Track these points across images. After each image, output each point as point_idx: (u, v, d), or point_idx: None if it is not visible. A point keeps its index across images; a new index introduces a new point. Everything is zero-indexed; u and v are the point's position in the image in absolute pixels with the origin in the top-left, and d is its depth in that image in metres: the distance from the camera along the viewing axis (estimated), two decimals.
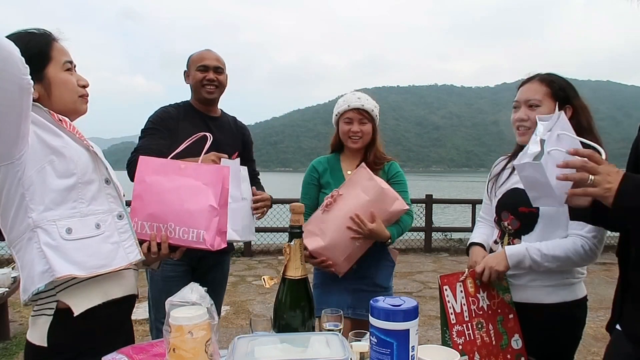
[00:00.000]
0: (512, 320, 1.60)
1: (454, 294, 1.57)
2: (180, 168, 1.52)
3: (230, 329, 4.10)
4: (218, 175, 1.52)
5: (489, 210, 1.86)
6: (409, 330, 0.99)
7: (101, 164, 1.36)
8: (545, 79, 1.65)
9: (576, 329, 1.63)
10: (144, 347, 1.29)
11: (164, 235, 1.46)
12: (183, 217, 1.47)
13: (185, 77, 2.33)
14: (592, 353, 3.63)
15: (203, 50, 2.31)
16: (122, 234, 1.34)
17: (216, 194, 1.50)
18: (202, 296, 1.12)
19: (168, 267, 2.08)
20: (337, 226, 1.98)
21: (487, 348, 1.56)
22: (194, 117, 2.25)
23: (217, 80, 2.24)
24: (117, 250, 1.31)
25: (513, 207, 1.67)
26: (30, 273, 1.21)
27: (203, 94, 2.24)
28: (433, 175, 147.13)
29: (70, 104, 1.34)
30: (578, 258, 1.53)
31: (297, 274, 1.28)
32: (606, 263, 6.87)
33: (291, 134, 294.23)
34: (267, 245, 7.61)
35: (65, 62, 1.33)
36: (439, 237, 8.37)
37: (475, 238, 1.84)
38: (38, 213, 1.21)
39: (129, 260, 1.33)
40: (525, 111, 1.62)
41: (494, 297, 1.62)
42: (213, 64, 2.24)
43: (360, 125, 2.12)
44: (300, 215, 1.30)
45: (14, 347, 3.72)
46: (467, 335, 1.54)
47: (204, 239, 1.46)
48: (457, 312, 1.56)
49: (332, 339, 1.09)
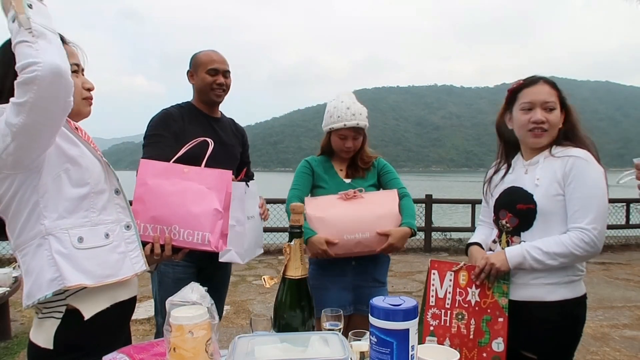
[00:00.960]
0: (500, 323, 1.62)
1: (441, 280, 1.66)
2: (183, 172, 1.55)
3: (230, 328, 4.10)
4: (222, 179, 1.56)
5: (486, 212, 1.88)
6: (408, 329, 0.99)
7: (112, 174, 1.38)
8: (551, 82, 1.68)
9: (577, 326, 1.64)
10: (144, 347, 1.29)
11: (168, 237, 1.48)
12: (188, 220, 1.49)
13: (188, 77, 2.29)
14: (592, 353, 3.63)
15: (209, 51, 2.27)
16: (129, 244, 1.36)
17: (220, 198, 1.54)
18: (202, 296, 1.12)
19: (180, 269, 2.09)
20: (345, 216, 2.03)
21: (462, 339, 1.62)
22: (199, 119, 2.23)
23: (225, 84, 2.24)
24: (123, 260, 1.33)
25: (511, 205, 1.68)
26: (38, 280, 1.21)
27: (212, 97, 2.22)
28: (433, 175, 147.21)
29: (73, 106, 1.34)
30: (581, 252, 1.54)
31: (297, 273, 1.28)
32: (605, 263, 6.88)
33: (291, 134, 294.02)
34: (267, 245, 7.61)
35: (71, 64, 1.33)
36: (439, 237, 8.37)
37: (473, 239, 1.88)
38: (51, 220, 1.22)
39: (134, 271, 1.35)
40: (542, 113, 1.62)
41: (487, 297, 1.64)
42: (223, 68, 2.22)
43: (354, 141, 2.18)
44: (300, 215, 1.31)
45: (15, 346, 3.73)
46: (442, 320, 1.64)
47: (209, 241, 1.50)
48: (439, 297, 1.65)
49: (332, 339, 1.10)
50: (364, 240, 2.00)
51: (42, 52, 1.07)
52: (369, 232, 1.99)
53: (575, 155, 1.59)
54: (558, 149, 1.65)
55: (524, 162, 1.72)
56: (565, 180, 1.58)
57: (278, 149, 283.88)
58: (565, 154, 1.61)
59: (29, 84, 1.06)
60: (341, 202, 2.08)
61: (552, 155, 1.64)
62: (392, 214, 2.05)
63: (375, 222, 2.01)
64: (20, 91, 1.08)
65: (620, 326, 4.26)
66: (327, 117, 2.22)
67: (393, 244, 1.99)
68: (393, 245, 1.99)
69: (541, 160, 1.66)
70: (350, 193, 2.09)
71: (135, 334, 3.85)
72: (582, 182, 1.55)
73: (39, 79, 1.06)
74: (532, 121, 1.63)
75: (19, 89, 1.08)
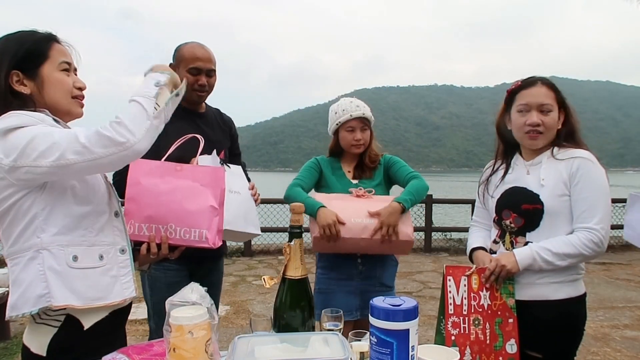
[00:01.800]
0: (511, 324, 1.61)
1: (457, 286, 1.61)
2: (176, 170, 1.54)
3: (230, 329, 4.10)
4: (215, 176, 1.56)
5: (482, 214, 1.87)
6: (409, 330, 0.99)
7: (114, 196, 1.37)
8: (548, 83, 1.67)
9: (580, 324, 1.65)
10: (144, 347, 1.29)
11: (164, 235, 1.47)
12: (184, 218, 1.48)
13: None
14: (592, 353, 3.63)
15: (194, 45, 2.09)
16: (122, 269, 1.35)
17: (215, 195, 1.53)
18: (202, 296, 1.12)
19: (171, 273, 2.04)
20: (353, 204, 2.02)
21: (480, 345, 1.58)
22: (183, 116, 2.11)
23: (207, 85, 2.10)
24: (114, 284, 1.31)
25: (515, 205, 1.68)
26: (26, 293, 1.20)
27: (192, 97, 2.09)
28: (433, 175, 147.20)
29: (62, 104, 1.32)
30: (590, 252, 1.55)
31: (297, 274, 1.28)
32: (606, 263, 6.88)
33: (291, 134, 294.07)
34: (267, 245, 7.61)
35: (62, 62, 1.32)
36: (439, 237, 8.37)
37: (474, 243, 1.83)
38: (49, 235, 1.21)
39: (123, 297, 1.33)
40: (538, 115, 1.63)
41: (497, 299, 1.63)
42: (206, 67, 2.07)
43: (362, 133, 2.17)
44: (301, 215, 1.30)
45: (14, 346, 3.72)
46: (462, 328, 1.58)
47: (207, 238, 1.49)
48: (457, 304, 1.59)
49: (332, 339, 1.10)
50: (371, 225, 1.95)
51: (145, 133, 1.19)
52: (376, 220, 1.96)
53: (581, 156, 1.60)
54: (560, 151, 1.65)
55: (525, 162, 1.72)
56: (571, 180, 1.58)
57: (278, 149, 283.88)
58: (569, 156, 1.61)
59: (113, 141, 1.14)
60: (350, 197, 2.09)
61: (553, 157, 1.64)
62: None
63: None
64: (105, 137, 1.14)
65: (620, 326, 4.25)
66: (332, 116, 2.22)
67: (383, 220, 1.93)
68: (384, 222, 1.93)
69: (544, 160, 1.66)
70: (360, 191, 2.09)
71: (135, 334, 3.85)
72: (589, 183, 1.56)
73: (122, 148, 1.15)
74: (527, 123, 1.64)
75: (110, 127, 1.15)
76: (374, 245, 1.97)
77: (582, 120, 1.71)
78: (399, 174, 2.20)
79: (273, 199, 7.14)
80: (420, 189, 2.08)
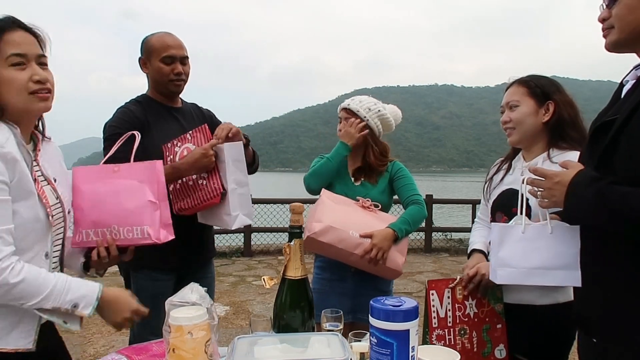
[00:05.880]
0: (499, 330, 1.62)
1: (440, 300, 1.62)
2: (114, 171, 1.51)
3: (230, 329, 4.10)
4: (152, 171, 1.52)
5: (485, 211, 1.87)
6: (409, 330, 0.99)
7: (51, 239, 1.26)
8: (522, 81, 1.72)
9: (570, 330, 1.62)
10: (143, 347, 1.29)
11: (110, 238, 1.44)
12: (124, 217, 1.46)
13: (141, 65, 2.04)
14: None
15: (163, 33, 2.01)
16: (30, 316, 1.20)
17: (153, 189, 1.50)
18: (202, 296, 1.12)
19: (160, 283, 1.96)
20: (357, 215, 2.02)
21: (467, 354, 1.60)
22: (161, 112, 2.06)
23: (184, 73, 2.02)
24: (13, 327, 1.17)
25: (507, 208, 1.67)
26: None
27: (170, 88, 2.02)
28: (433, 175, 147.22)
29: (17, 104, 1.18)
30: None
31: (297, 274, 1.28)
32: None
33: (291, 134, 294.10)
34: (267, 245, 7.60)
35: (11, 55, 1.15)
36: (439, 237, 8.37)
37: (475, 244, 1.83)
38: None
39: (16, 346, 1.17)
40: (507, 113, 1.71)
41: (484, 306, 1.64)
42: (180, 54, 1.98)
43: (345, 120, 2.21)
44: (300, 216, 1.30)
45: None
46: (447, 339, 1.60)
47: (149, 234, 1.46)
48: (441, 317, 1.61)
49: (332, 339, 1.10)
50: (365, 243, 1.94)
51: (20, 292, 1.12)
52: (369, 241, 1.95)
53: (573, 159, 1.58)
54: (555, 152, 1.64)
55: (524, 163, 1.72)
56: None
57: (278, 149, 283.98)
58: (562, 159, 1.60)
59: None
60: (356, 206, 2.08)
61: (550, 159, 1.64)
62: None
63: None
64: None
65: None
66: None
67: (376, 244, 1.91)
68: (375, 245, 1.91)
69: (539, 163, 1.65)
70: (366, 202, 2.08)
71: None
72: None
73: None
74: (501, 122, 1.75)
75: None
76: (362, 263, 1.96)
77: (583, 120, 1.70)
78: (401, 192, 2.18)
79: (273, 199, 7.14)
80: (418, 219, 2.10)
